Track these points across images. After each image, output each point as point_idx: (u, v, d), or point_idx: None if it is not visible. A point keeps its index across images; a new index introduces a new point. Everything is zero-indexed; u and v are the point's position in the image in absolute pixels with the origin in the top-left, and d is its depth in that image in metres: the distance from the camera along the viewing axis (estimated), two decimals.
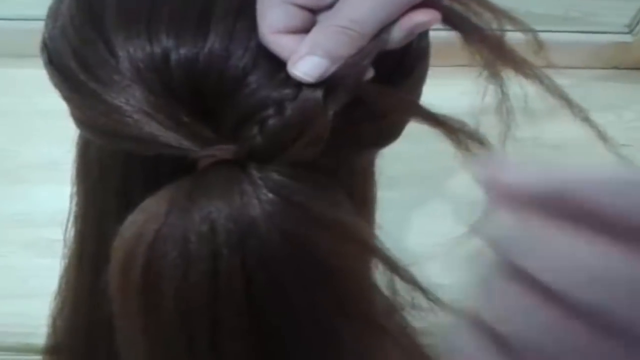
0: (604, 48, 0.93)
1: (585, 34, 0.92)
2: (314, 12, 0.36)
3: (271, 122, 0.35)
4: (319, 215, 0.35)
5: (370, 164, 0.46)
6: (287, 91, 0.35)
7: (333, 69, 0.35)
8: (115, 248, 0.36)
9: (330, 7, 0.36)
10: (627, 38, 0.93)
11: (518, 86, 0.39)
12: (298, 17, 0.35)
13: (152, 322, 0.37)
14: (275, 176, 0.35)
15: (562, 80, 0.41)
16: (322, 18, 0.36)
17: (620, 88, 0.91)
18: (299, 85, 0.35)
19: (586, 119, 0.40)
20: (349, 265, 0.37)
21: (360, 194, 0.45)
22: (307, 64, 0.34)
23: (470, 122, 0.40)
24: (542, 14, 0.89)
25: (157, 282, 0.35)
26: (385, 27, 0.35)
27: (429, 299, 0.39)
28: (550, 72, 0.40)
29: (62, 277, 0.50)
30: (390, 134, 0.41)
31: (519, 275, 0.25)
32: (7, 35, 0.91)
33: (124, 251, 0.35)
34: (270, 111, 0.35)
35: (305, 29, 0.36)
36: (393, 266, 0.38)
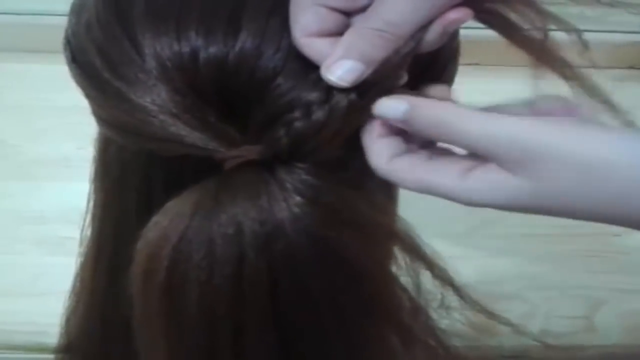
0: (620, 48, 0.92)
1: (600, 33, 0.92)
2: (348, 14, 0.35)
3: (297, 124, 0.34)
4: (347, 217, 0.35)
5: None
6: (317, 94, 0.34)
7: (368, 72, 0.34)
8: (138, 250, 0.35)
9: (364, 9, 0.35)
10: None
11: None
12: (331, 20, 0.35)
13: (175, 325, 0.36)
14: (302, 177, 0.35)
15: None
16: (356, 20, 0.35)
17: (636, 88, 0.91)
18: (330, 87, 0.34)
19: (629, 123, 0.40)
20: (377, 266, 0.37)
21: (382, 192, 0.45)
22: (341, 68, 0.34)
23: None
24: (557, 13, 0.88)
25: (181, 285, 0.35)
26: (421, 29, 0.35)
27: (461, 297, 0.38)
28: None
29: (76, 276, 0.50)
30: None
31: None
32: (20, 30, 0.90)
33: (148, 253, 0.35)
34: (298, 113, 0.34)
35: (339, 32, 0.35)
36: (430, 265, 0.37)
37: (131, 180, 0.40)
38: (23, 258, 0.73)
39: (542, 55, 0.38)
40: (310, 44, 0.34)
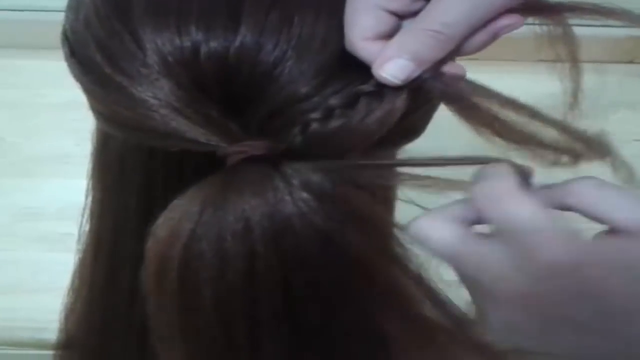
0: (620, 42, 0.92)
1: (601, 27, 0.91)
2: (401, 17, 0.36)
3: (315, 126, 0.34)
4: (353, 212, 0.35)
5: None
6: (336, 100, 0.35)
7: (418, 72, 0.35)
8: (148, 248, 0.35)
9: (416, 13, 0.36)
10: None
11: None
12: (388, 23, 0.35)
13: (191, 322, 0.36)
14: (307, 173, 0.34)
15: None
16: (408, 23, 0.36)
17: (636, 82, 0.90)
18: (354, 93, 0.35)
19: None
20: (384, 259, 0.36)
21: (381, 191, 0.44)
22: (394, 66, 0.34)
23: None
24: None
25: (195, 282, 0.35)
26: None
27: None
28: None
29: (75, 273, 0.50)
30: (416, 130, 0.41)
31: None
32: (15, 26, 0.90)
33: (159, 252, 0.35)
34: (316, 115, 0.34)
35: (392, 35, 0.35)
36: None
37: (131, 176, 0.40)
38: (22, 255, 0.73)
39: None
40: (366, 47, 0.35)
